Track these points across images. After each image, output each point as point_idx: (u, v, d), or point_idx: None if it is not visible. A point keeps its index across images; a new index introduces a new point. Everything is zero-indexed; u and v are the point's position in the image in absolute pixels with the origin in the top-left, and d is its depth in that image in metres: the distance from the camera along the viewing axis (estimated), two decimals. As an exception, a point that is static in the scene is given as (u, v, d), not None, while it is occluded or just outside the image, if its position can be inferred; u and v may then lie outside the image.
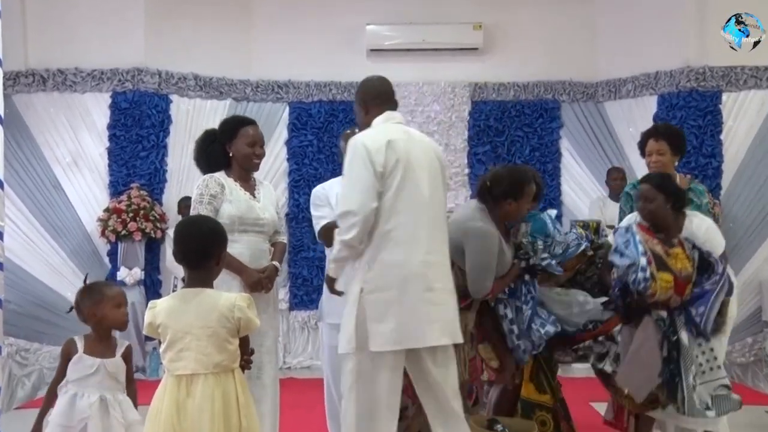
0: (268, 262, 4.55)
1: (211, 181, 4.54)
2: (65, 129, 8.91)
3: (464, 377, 4.60)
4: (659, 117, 8.86)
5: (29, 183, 8.75)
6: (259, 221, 4.52)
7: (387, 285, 3.92)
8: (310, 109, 9.44)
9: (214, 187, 4.50)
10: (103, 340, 3.82)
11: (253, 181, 4.78)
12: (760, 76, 8.74)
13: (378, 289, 3.92)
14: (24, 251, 8.53)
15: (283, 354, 9.16)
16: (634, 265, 4.63)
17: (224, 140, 4.68)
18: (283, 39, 9.52)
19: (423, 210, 4.03)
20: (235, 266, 4.24)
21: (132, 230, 8.46)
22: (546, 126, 9.57)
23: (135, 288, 8.60)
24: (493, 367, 5.06)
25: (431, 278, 3.98)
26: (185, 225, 3.64)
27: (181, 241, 3.43)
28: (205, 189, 4.49)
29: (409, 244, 3.96)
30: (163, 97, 9.06)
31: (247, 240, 4.38)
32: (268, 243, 4.69)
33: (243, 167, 4.67)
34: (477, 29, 9.49)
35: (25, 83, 8.82)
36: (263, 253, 4.55)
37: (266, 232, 4.63)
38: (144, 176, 8.87)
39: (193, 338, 3.19)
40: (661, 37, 9.07)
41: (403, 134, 4.14)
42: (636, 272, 4.59)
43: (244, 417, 3.21)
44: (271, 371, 4.49)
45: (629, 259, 4.68)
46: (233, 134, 4.66)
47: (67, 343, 3.78)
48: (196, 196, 4.51)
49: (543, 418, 4.94)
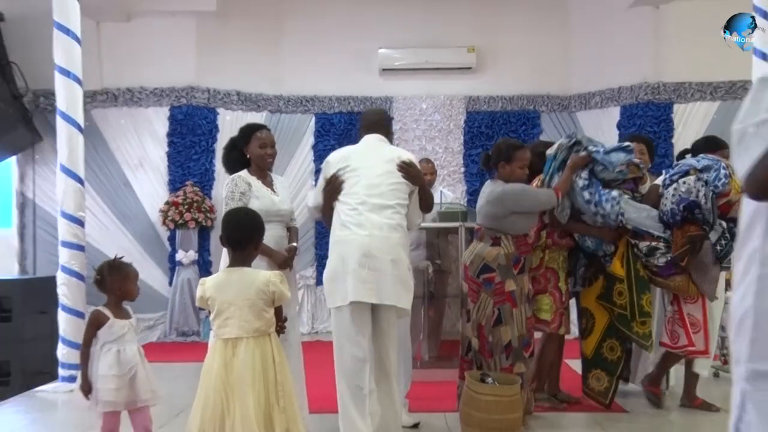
0: (287, 245, 4.55)
1: (240, 180, 4.52)
2: (133, 137, 8.97)
3: (522, 331, 4.70)
4: (621, 125, 8.87)
5: (104, 181, 8.84)
6: (280, 212, 4.50)
7: (333, 257, 4.22)
8: (332, 119, 9.44)
9: (242, 185, 4.48)
10: (121, 307, 3.88)
11: (269, 176, 4.74)
12: (704, 91, 8.75)
13: (330, 261, 4.23)
14: (100, 236, 8.62)
15: (312, 321, 9.22)
16: (715, 166, 4.73)
17: (242, 145, 4.65)
18: (309, 61, 9.51)
19: (361, 196, 4.23)
20: (264, 250, 4.29)
21: (187, 220, 8.53)
22: (528, 132, 9.52)
23: (189, 267, 8.67)
24: (541, 319, 5.12)
25: (372, 250, 4.12)
26: (232, 215, 3.65)
27: (228, 228, 3.45)
28: (234, 187, 4.47)
29: (350, 225, 4.20)
30: (212, 110, 9.09)
31: (271, 228, 4.39)
32: (285, 229, 4.67)
33: (258, 166, 4.62)
34: (471, 52, 9.46)
35: (100, 100, 8.89)
36: (282, 238, 4.53)
37: (284, 220, 4.60)
38: (196, 175, 8.92)
39: (236, 308, 3.20)
40: (623, 58, 9.04)
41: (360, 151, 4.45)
42: (718, 170, 4.72)
43: (279, 372, 3.22)
44: (295, 335, 4.48)
45: (708, 161, 4.81)
46: (248, 139, 4.63)
47: (97, 314, 3.81)
48: (228, 193, 4.48)
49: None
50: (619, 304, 4.99)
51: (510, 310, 4.68)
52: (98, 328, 3.77)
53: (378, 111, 4.78)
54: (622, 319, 5.00)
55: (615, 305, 5.02)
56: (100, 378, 3.70)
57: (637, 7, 8.87)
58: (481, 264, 4.75)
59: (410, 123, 9.53)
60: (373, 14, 9.51)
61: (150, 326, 8.76)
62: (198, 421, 3.10)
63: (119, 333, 3.77)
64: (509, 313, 4.68)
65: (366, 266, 4.10)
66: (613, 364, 5.15)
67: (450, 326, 6.70)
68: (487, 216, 4.80)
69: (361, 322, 4.15)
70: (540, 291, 5.14)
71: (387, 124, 4.58)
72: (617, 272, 4.99)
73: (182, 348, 8.17)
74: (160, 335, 8.83)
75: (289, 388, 3.24)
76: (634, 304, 4.93)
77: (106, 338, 3.75)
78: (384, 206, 4.25)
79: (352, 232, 4.17)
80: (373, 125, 4.51)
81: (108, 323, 3.77)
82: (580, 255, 5.26)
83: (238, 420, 3.04)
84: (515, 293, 4.68)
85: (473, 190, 9.32)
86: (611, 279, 5.04)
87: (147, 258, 8.79)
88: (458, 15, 9.52)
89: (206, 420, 3.07)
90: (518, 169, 4.80)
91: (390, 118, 4.87)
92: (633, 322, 4.94)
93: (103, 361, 3.72)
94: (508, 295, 4.68)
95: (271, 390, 3.14)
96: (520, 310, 4.70)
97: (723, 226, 4.82)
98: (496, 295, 4.69)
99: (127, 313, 3.92)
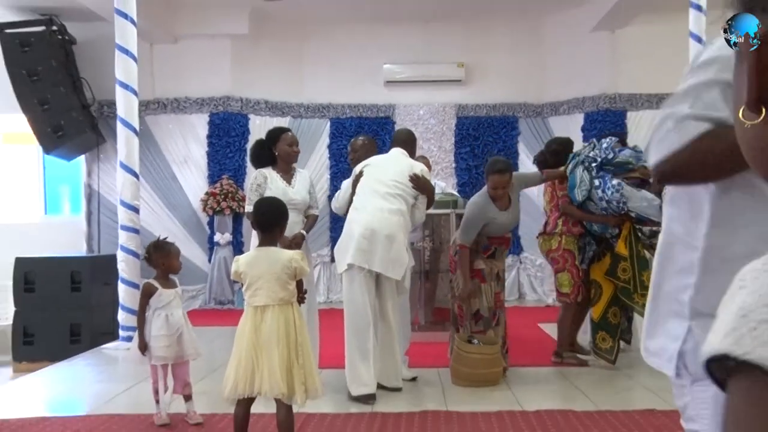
0: (298, 231, 4.55)
1: (259, 175, 4.58)
2: (179, 138, 9.03)
3: (491, 304, 4.73)
4: (585, 128, 8.88)
5: (155, 175, 8.90)
6: (292, 201, 4.36)
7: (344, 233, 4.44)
8: (344, 123, 9.45)
9: (260, 179, 4.54)
10: (168, 279, 3.95)
11: (293, 170, 4.74)
12: (652, 101, 8.79)
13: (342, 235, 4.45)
14: (152, 221, 8.65)
15: (327, 292, 9.26)
16: None
17: (271, 144, 4.67)
18: (325, 74, 9.51)
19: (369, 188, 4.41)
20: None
21: (223, 207, 8.58)
22: (509, 134, 9.54)
23: (226, 247, 8.72)
24: (562, 292, 5.14)
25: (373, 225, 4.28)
26: (262, 203, 3.60)
27: (258, 214, 3.43)
28: (254, 181, 4.57)
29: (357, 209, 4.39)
30: (244, 116, 9.12)
31: None
32: (302, 216, 4.66)
33: (285, 161, 4.65)
34: (460, 67, 9.46)
35: (152, 108, 8.93)
36: (296, 224, 4.46)
37: (299, 209, 4.58)
38: (231, 170, 8.95)
39: (264, 281, 3.19)
40: (586, 73, 9.07)
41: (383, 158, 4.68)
42: None
43: (299, 335, 3.20)
44: (311, 305, 4.48)
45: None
46: (277, 139, 4.66)
47: (147, 285, 3.89)
48: (250, 185, 4.62)
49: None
50: (623, 279, 4.97)
51: (479, 284, 4.70)
52: (149, 297, 3.85)
53: (407, 131, 4.94)
54: (625, 291, 4.99)
55: (619, 280, 5.01)
56: (153, 338, 3.79)
57: (597, 32, 8.94)
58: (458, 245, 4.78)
59: (410, 126, 9.45)
60: (379, 36, 9.50)
61: (193, 296, 8.81)
62: (233, 374, 3.13)
63: (167, 300, 3.85)
64: (478, 287, 4.70)
65: (365, 237, 4.24)
66: (615, 327, 5.15)
67: (443, 296, 6.71)
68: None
69: (367, 288, 4.25)
70: (559, 269, 5.15)
71: (411, 142, 4.75)
72: (622, 252, 4.98)
73: (219, 314, 8.22)
74: (201, 303, 8.90)
75: (307, 347, 3.26)
76: (635, 279, 4.93)
77: (156, 305, 3.84)
78: (388, 195, 4.36)
79: (359, 213, 4.34)
80: (399, 141, 4.71)
81: (157, 293, 3.85)
82: (588, 239, 5.24)
83: (266, 374, 3.06)
84: (484, 271, 4.70)
85: (462, 182, 9.39)
86: (616, 257, 5.02)
87: (190, 239, 8.84)
88: (450, 36, 9.51)
89: (239, 374, 3.10)
90: (491, 186, 4.69)
91: (415, 138, 4.93)
92: (635, 294, 4.92)
93: (154, 323, 3.81)
94: (478, 272, 4.71)
95: (293, 349, 3.16)
96: (489, 286, 4.72)
97: None
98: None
99: (174, 283, 3.99)
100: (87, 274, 7.03)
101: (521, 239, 9.42)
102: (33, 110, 8.00)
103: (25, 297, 6.93)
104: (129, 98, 6.26)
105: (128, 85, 6.24)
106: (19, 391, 4.89)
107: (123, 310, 6.27)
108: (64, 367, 5.64)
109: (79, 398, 4.65)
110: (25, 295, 6.93)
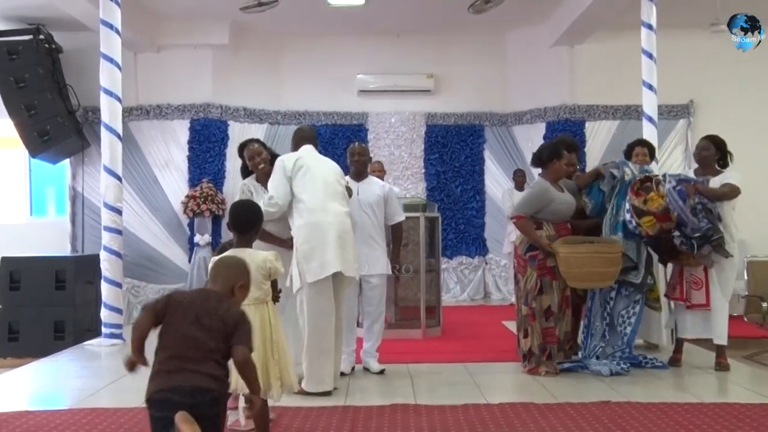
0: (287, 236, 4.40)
1: (245, 188, 4.51)
2: (161, 143, 8.92)
3: (560, 300, 4.66)
4: (546, 137, 8.89)
5: (138, 178, 8.79)
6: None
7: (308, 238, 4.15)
8: (320, 130, 9.27)
9: (246, 192, 4.46)
10: None
11: None
12: (608, 111, 9.02)
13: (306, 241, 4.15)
14: (135, 222, 8.58)
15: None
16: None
17: (241, 157, 4.67)
18: (302, 84, 9.49)
19: (321, 189, 4.25)
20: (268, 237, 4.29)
21: (203, 210, 8.48)
22: (475, 141, 9.58)
23: (205, 247, 8.59)
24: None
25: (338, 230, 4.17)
26: (238, 206, 3.51)
27: (234, 215, 3.38)
28: (241, 194, 4.46)
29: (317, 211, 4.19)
30: (224, 122, 9.04)
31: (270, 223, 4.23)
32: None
33: (254, 171, 4.59)
34: (430, 78, 9.50)
35: (135, 114, 8.83)
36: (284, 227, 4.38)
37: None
38: (211, 174, 8.85)
39: None
40: (547, 85, 9.19)
41: (315, 156, 4.45)
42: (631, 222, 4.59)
43: (274, 332, 3.20)
44: (292, 306, 4.31)
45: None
46: (241, 153, 4.65)
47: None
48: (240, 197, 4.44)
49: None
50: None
51: (550, 281, 4.63)
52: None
53: (311, 128, 4.83)
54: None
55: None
56: None
57: (557, 47, 9.06)
58: (528, 244, 4.68)
59: (382, 133, 9.56)
60: (353, 47, 9.50)
61: (174, 294, 8.70)
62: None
63: None
64: (549, 284, 4.63)
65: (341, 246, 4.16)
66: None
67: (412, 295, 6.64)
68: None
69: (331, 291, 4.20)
70: None
71: (316, 138, 4.61)
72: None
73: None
74: (182, 301, 8.77)
75: (282, 344, 3.25)
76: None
77: None
78: (338, 195, 4.34)
79: (324, 215, 4.19)
80: (309, 138, 4.54)
81: None
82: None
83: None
84: (555, 269, 4.60)
85: (432, 187, 9.46)
86: None
87: (171, 240, 8.75)
88: (420, 49, 9.54)
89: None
90: (564, 167, 4.73)
91: (317, 134, 4.83)
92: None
93: None
94: (549, 270, 4.62)
95: (268, 346, 3.15)
96: (559, 283, 4.63)
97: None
98: (539, 269, 4.64)
99: None
100: (71, 273, 6.98)
101: (486, 241, 9.47)
102: (20, 115, 7.89)
103: (11, 295, 6.88)
104: (113, 104, 6.19)
105: (112, 92, 6.18)
106: (3, 386, 4.80)
107: (105, 308, 6.20)
108: (48, 362, 5.56)
109: (63, 393, 4.57)
110: (11, 293, 6.88)
